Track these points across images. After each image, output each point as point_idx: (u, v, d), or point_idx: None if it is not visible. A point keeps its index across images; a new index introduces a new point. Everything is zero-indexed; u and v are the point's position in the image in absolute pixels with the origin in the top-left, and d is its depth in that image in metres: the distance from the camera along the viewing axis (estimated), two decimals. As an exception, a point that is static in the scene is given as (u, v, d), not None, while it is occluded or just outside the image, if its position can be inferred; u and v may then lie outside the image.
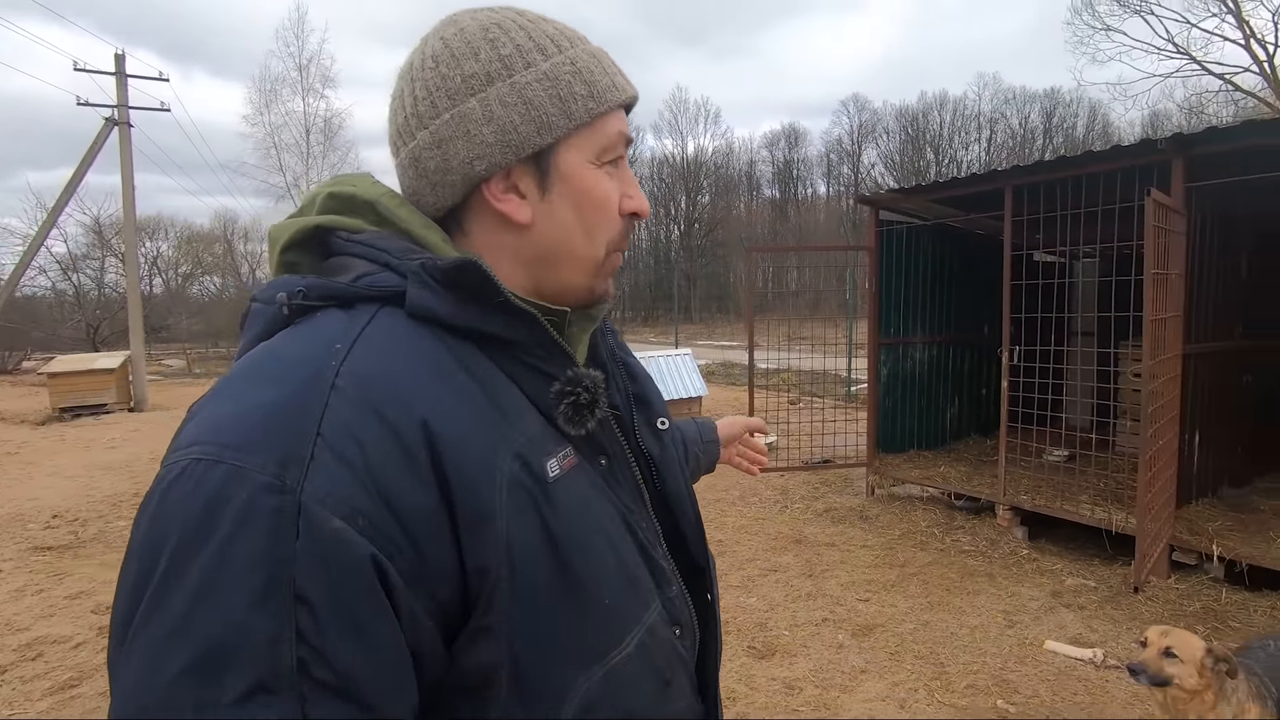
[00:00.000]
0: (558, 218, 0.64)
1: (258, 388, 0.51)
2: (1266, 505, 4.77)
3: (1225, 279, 4.85)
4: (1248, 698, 1.98)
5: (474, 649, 0.52)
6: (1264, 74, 21.17)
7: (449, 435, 0.51)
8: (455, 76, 0.61)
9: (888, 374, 6.28)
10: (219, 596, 0.43)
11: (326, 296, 0.57)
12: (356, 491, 0.46)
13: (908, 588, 4.09)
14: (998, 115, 45.08)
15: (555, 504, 0.56)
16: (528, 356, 0.61)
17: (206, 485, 0.45)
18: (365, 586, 0.45)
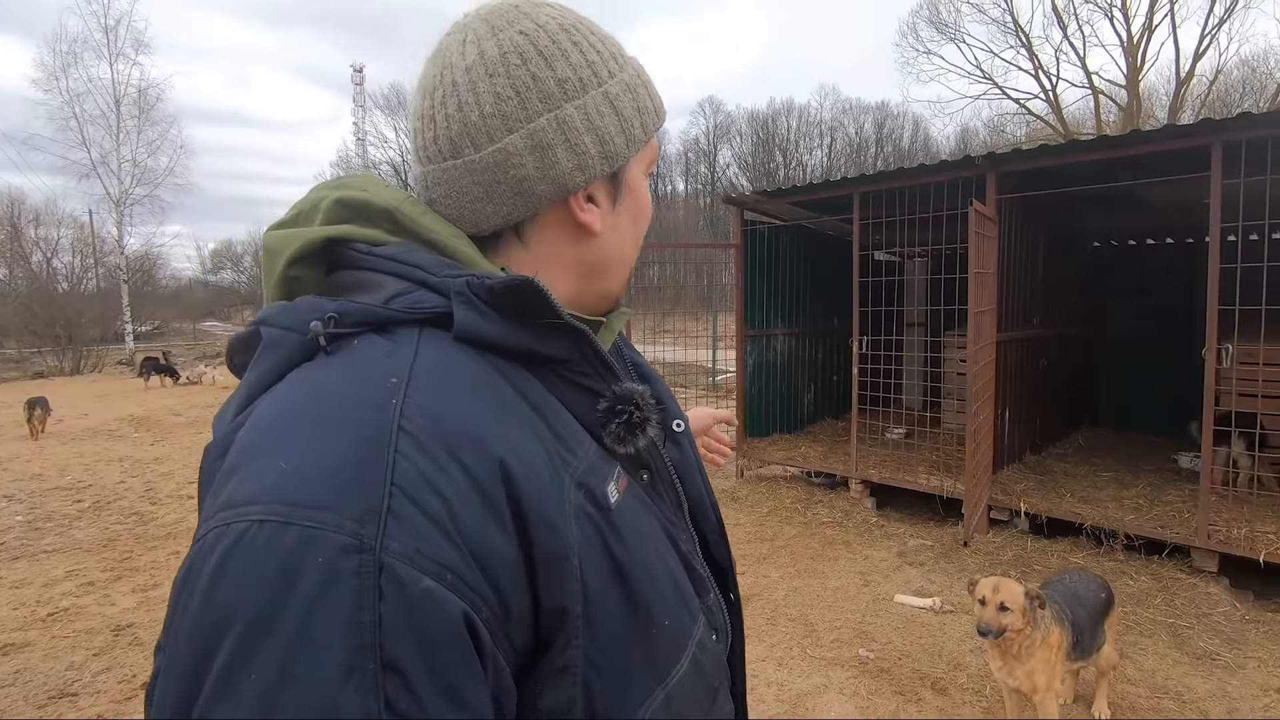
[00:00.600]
0: (620, 229, 0.65)
1: (315, 434, 0.45)
2: (1058, 467, 5.69)
3: (1026, 277, 5.70)
4: (1052, 622, 2.42)
5: (550, 689, 0.48)
6: (1049, 101, 24.72)
7: (524, 473, 0.48)
8: (548, 79, 0.57)
9: (753, 364, 6.73)
10: (304, 677, 0.38)
11: (363, 322, 0.51)
12: (443, 545, 0.42)
13: (778, 559, 4.45)
14: (837, 124, 48.88)
15: (619, 531, 0.53)
16: (574, 375, 0.57)
17: (277, 551, 0.40)
18: (460, 648, 0.42)
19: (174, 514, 5.51)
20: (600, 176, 0.60)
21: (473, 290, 0.52)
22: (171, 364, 15.13)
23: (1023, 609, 2.31)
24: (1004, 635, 2.32)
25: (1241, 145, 3.68)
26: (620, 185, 0.63)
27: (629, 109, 0.61)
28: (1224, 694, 2.88)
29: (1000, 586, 2.36)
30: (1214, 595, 3.75)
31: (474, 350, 0.52)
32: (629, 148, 0.61)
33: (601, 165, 0.60)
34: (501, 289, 0.52)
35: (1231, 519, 4.14)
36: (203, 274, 48.15)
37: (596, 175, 0.60)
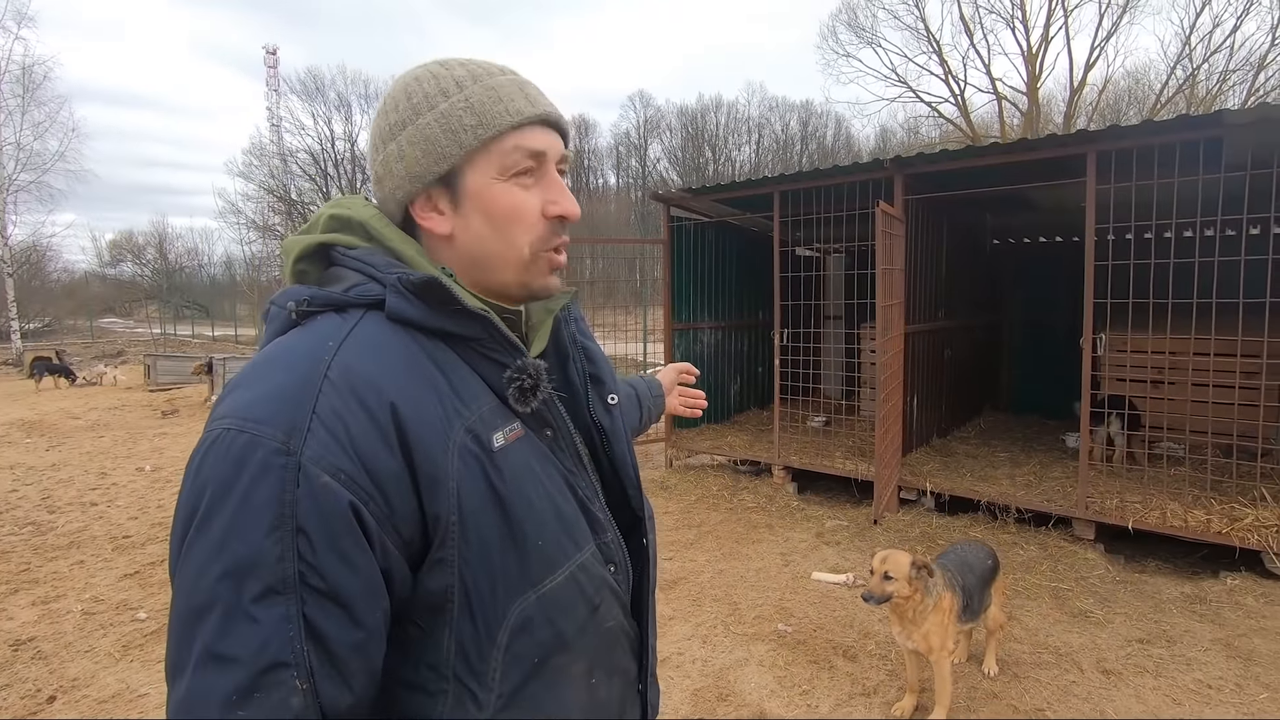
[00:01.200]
0: (473, 229, 0.78)
1: (272, 375, 0.66)
2: (961, 449, 6.12)
3: (931, 273, 6.09)
4: (944, 588, 2.66)
5: (433, 574, 0.67)
6: (958, 105, 26.08)
7: (412, 415, 0.66)
8: (385, 126, 0.79)
9: (681, 356, 6.90)
10: (244, 528, 0.59)
11: (326, 304, 0.72)
12: (340, 456, 0.62)
13: (704, 544, 4.63)
14: (764, 121, 50.00)
15: (500, 468, 0.71)
16: (484, 349, 0.75)
17: (234, 449, 0.61)
18: (346, 523, 0.61)
19: (76, 522, 5.21)
20: (420, 189, 0.78)
21: (402, 283, 0.71)
22: (66, 364, 14.08)
23: (907, 578, 2.53)
24: (889, 601, 2.55)
25: (1112, 155, 4.08)
26: (458, 192, 0.77)
27: (437, 133, 0.76)
28: (1094, 646, 3.23)
29: (888, 558, 2.58)
30: (1091, 560, 4.16)
31: (401, 327, 0.71)
32: (438, 164, 0.76)
33: (412, 184, 0.77)
34: (418, 282, 0.71)
35: (1106, 491, 4.59)
36: (100, 267, 44.67)
37: (413, 188, 0.77)
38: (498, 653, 0.70)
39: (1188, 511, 4.13)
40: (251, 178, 37.41)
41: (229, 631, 0.58)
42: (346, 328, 0.70)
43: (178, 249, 45.35)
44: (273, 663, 0.58)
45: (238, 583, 0.58)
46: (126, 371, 15.50)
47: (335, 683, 0.61)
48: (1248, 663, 3.06)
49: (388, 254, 0.77)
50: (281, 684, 0.58)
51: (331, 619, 0.61)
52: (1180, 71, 22.85)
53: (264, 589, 0.59)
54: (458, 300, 0.72)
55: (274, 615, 0.59)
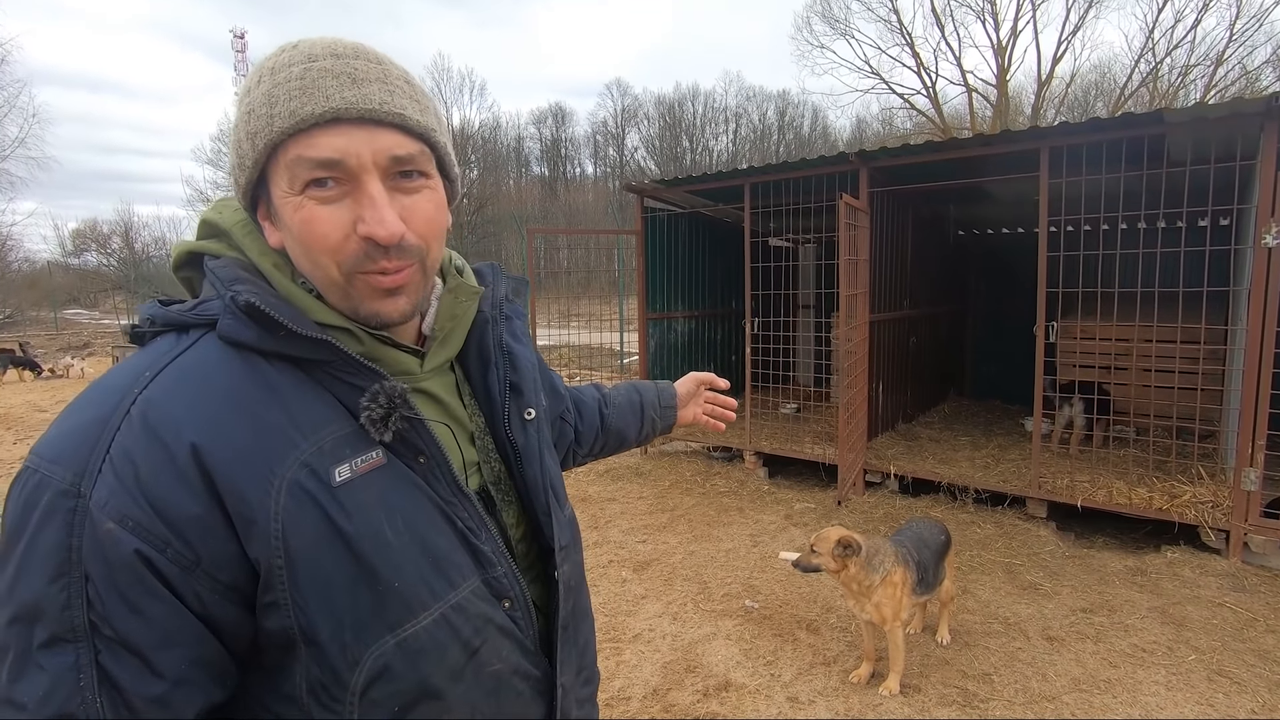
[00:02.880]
0: (289, 244, 0.70)
1: (81, 409, 0.63)
2: (925, 434, 6.34)
3: (896, 263, 6.27)
4: (894, 563, 2.81)
5: (266, 616, 0.63)
6: (930, 97, 26.43)
7: (219, 455, 0.61)
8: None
9: (655, 345, 7.03)
10: (29, 572, 0.58)
11: (167, 324, 0.68)
12: (126, 501, 0.58)
13: (677, 527, 4.78)
14: (741, 110, 50.08)
15: (343, 504, 0.65)
16: (338, 373, 0.69)
17: (28, 489, 0.60)
18: (132, 572, 0.58)
19: (49, 514, 5.20)
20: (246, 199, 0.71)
21: (235, 304, 0.65)
22: (31, 356, 13.81)
23: (829, 553, 2.72)
24: (815, 572, 2.77)
25: (1063, 150, 4.26)
26: (270, 203, 0.69)
27: (242, 134, 0.68)
28: (1041, 615, 3.43)
29: (821, 535, 2.77)
30: (1043, 537, 4.38)
31: (236, 351, 0.66)
32: (243, 171, 0.68)
33: (234, 188, 0.72)
34: (243, 305, 0.65)
35: (1057, 472, 4.82)
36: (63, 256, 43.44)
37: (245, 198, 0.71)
38: (352, 697, 0.65)
39: (1132, 490, 4.36)
40: (220, 165, 36.67)
41: (18, 677, 0.57)
42: (173, 353, 0.65)
43: (144, 238, 44.25)
44: (59, 714, 0.56)
45: (26, 628, 0.57)
46: (93, 364, 15.22)
47: None
48: (1180, 628, 3.28)
49: (246, 265, 0.71)
50: None
51: (127, 669, 0.58)
52: (1144, 65, 23.41)
53: (50, 636, 0.57)
54: (281, 325, 0.65)
55: (61, 664, 0.56)
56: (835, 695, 2.83)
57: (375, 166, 0.66)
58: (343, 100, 0.64)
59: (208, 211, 0.74)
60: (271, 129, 0.65)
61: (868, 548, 2.74)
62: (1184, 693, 2.79)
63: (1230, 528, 3.91)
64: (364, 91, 0.66)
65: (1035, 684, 2.87)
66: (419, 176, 0.70)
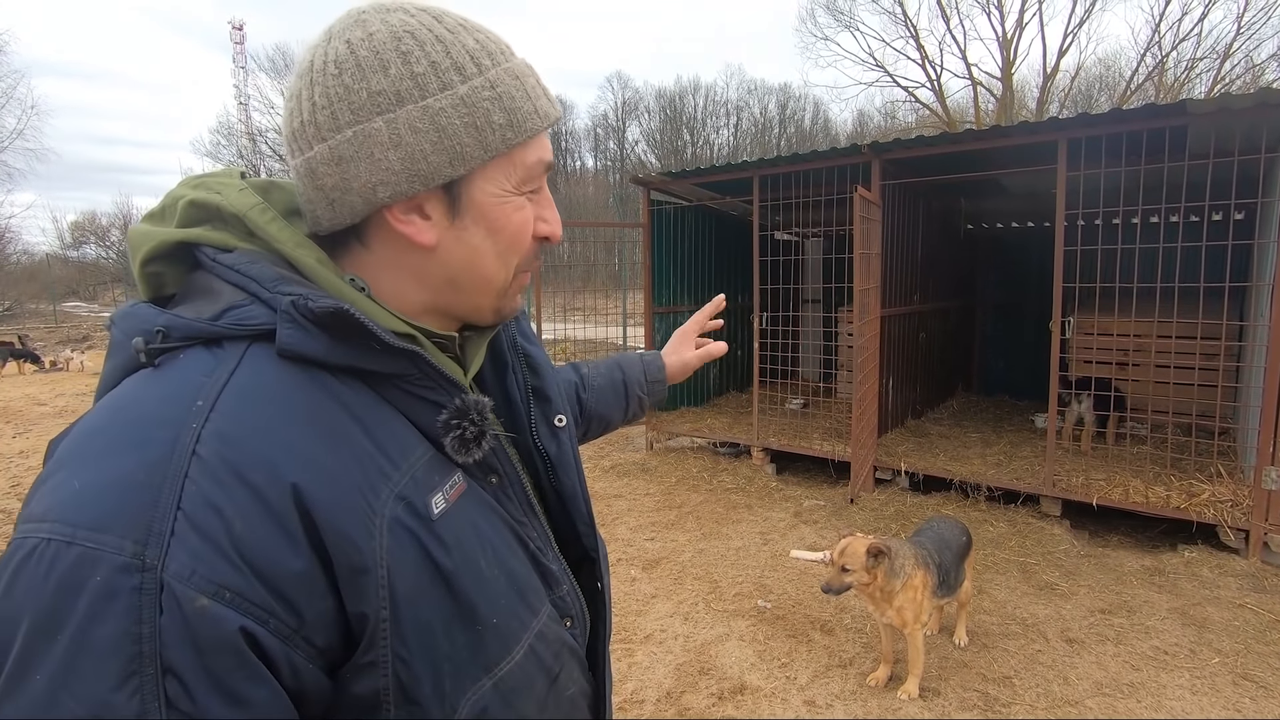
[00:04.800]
0: (467, 242, 0.62)
1: (115, 454, 0.49)
2: (934, 430, 6.27)
3: (907, 257, 6.19)
4: (915, 566, 2.75)
5: (360, 680, 0.53)
6: (934, 90, 26.27)
7: (321, 496, 0.51)
8: (361, 90, 0.56)
9: (662, 339, 6.93)
10: (80, 681, 0.43)
11: (189, 337, 0.54)
12: (222, 566, 0.46)
13: (685, 524, 4.71)
14: (743, 104, 49.79)
15: (442, 539, 0.57)
16: (414, 388, 0.60)
17: (58, 569, 0.44)
18: (237, 657, 0.46)
19: (49, 509, 5.13)
20: (415, 191, 0.58)
21: (297, 310, 0.53)
22: (31, 348, 13.73)
23: (864, 566, 2.61)
24: (847, 591, 2.64)
25: (1082, 142, 4.18)
26: (459, 201, 0.60)
27: (458, 125, 0.58)
28: (1059, 616, 3.37)
29: (846, 549, 2.64)
30: (1057, 535, 4.31)
31: (299, 367, 0.54)
32: (454, 166, 0.58)
33: (408, 180, 0.58)
34: (320, 313, 0.53)
35: (1072, 470, 4.75)
36: (61, 249, 43.30)
37: (407, 189, 0.58)
38: None
39: (1148, 488, 4.30)
40: (219, 158, 36.53)
41: None
42: (222, 375, 0.52)
43: (143, 231, 44.04)
44: None
45: None
46: (93, 357, 15.14)
47: None
48: (1202, 630, 3.22)
49: (274, 259, 0.59)
50: None
51: None
52: (1150, 59, 23.24)
53: None
54: (376, 337, 0.56)
55: None
56: (853, 699, 2.77)
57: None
58: (555, 110, 0.64)
59: (193, 190, 0.60)
60: (522, 129, 0.61)
61: (893, 551, 2.67)
62: (1209, 697, 2.73)
63: (1250, 527, 3.84)
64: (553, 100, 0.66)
65: (1057, 688, 2.81)
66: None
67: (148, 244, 0.58)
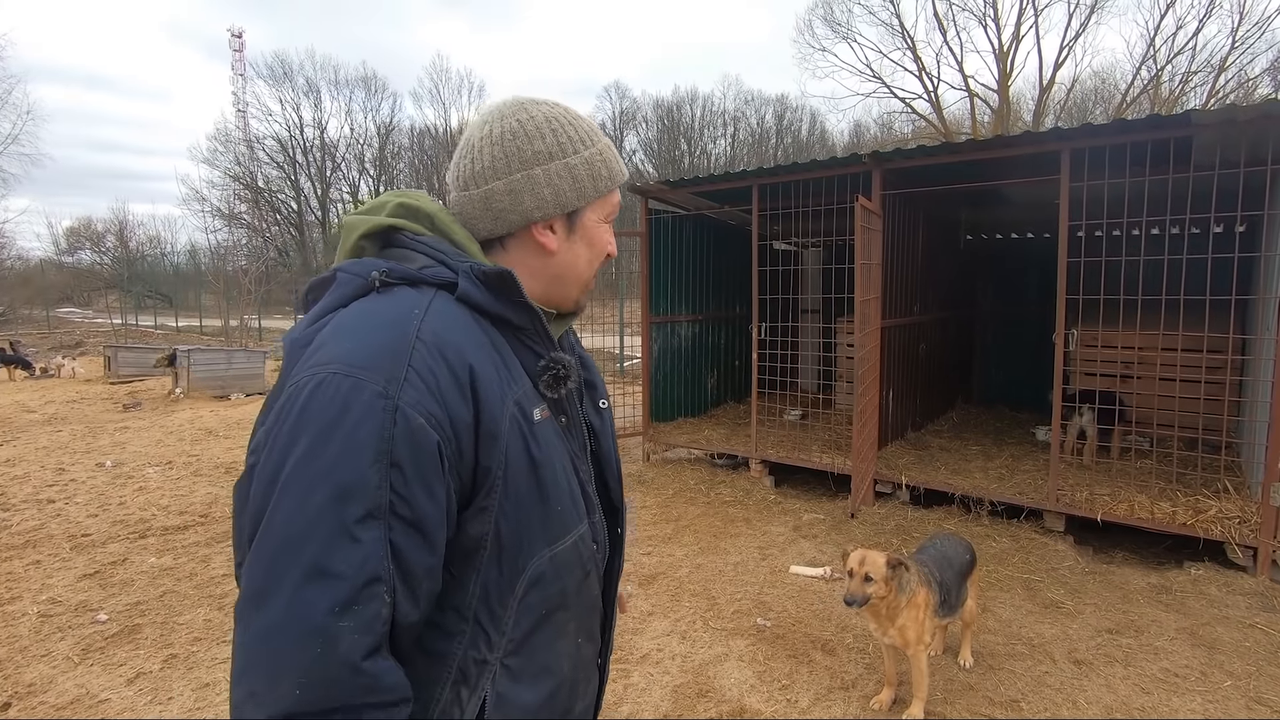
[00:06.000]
0: (575, 251, 0.96)
1: (371, 331, 0.76)
2: (935, 443, 6.20)
3: (907, 268, 6.14)
4: (919, 584, 2.67)
5: (475, 520, 0.79)
6: (931, 101, 26.38)
7: (483, 378, 0.79)
8: (528, 150, 0.90)
9: (659, 349, 6.88)
10: (349, 459, 0.69)
11: (403, 278, 0.83)
12: (431, 402, 0.74)
13: (682, 539, 4.62)
14: (740, 114, 49.95)
15: (536, 437, 0.84)
16: (527, 339, 0.89)
17: (341, 391, 0.71)
18: (433, 460, 0.73)
19: (32, 520, 5.02)
20: (554, 215, 0.92)
21: (474, 271, 0.84)
22: (22, 354, 13.59)
23: (885, 578, 2.53)
24: (869, 603, 2.55)
25: (1085, 152, 4.13)
26: (575, 223, 0.95)
27: (583, 174, 0.93)
28: (1066, 636, 3.28)
29: (866, 559, 2.56)
30: (1061, 552, 4.24)
31: (467, 309, 0.84)
32: (579, 199, 0.93)
33: (554, 207, 0.92)
34: (492, 274, 0.84)
35: (1076, 484, 4.68)
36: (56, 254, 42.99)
37: (551, 214, 0.92)
38: (514, 601, 0.81)
39: (1154, 504, 4.22)
40: (217, 164, 36.49)
41: (335, 550, 0.67)
42: (425, 301, 0.81)
43: (139, 236, 43.89)
44: (372, 578, 0.68)
45: (342, 507, 0.67)
46: (85, 363, 14.99)
47: (410, 600, 0.72)
48: (1212, 651, 3.14)
49: (452, 245, 0.90)
50: (376, 597, 0.68)
51: (413, 544, 0.71)
52: (1145, 72, 23.39)
53: (365, 513, 0.68)
54: (522, 294, 0.86)
55: (373, 536, 0.68)
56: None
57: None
58: (626, 172, 0.99)
59: (402, 197, 0.92)
60: (615, 179, 0.97)
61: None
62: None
63: (1258, 544, 3.77)
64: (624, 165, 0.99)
65: (1066, 711, 2.72)
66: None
67: (365, 225, 0.88)
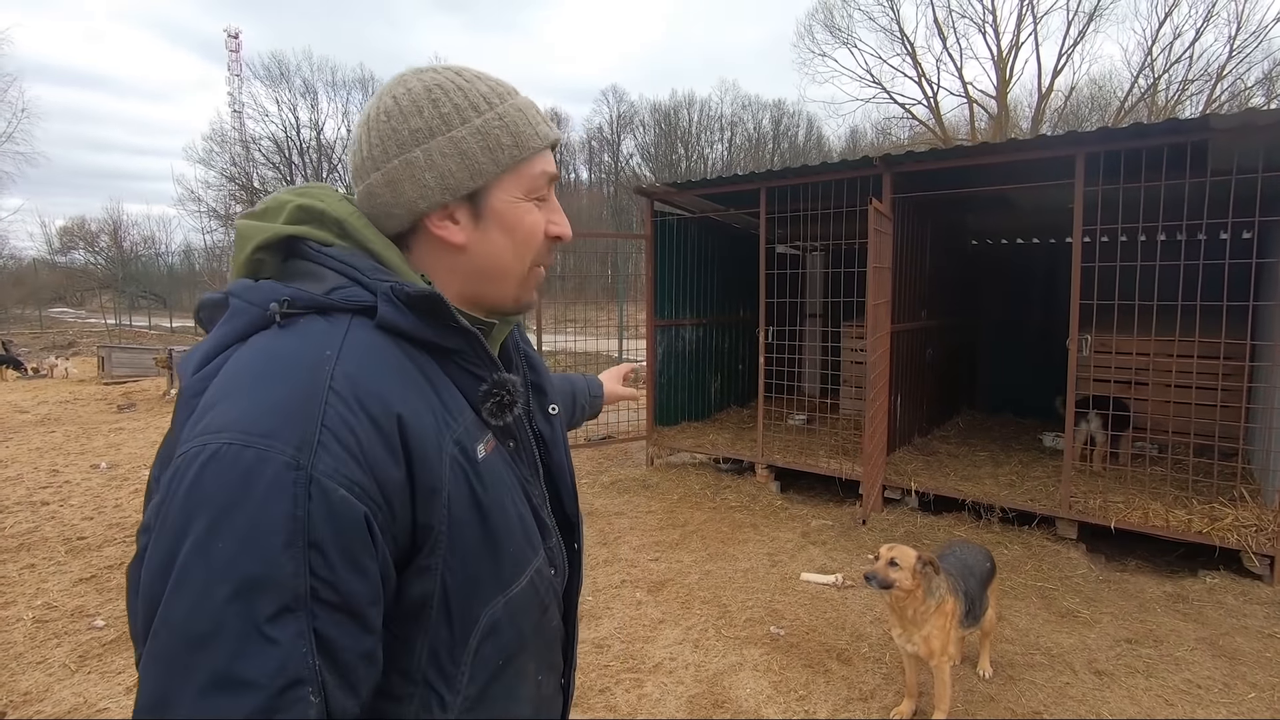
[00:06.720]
0: (490, 241, 0.79)
1: (270, 385, 0.63)
2: (943, 448, 6.15)
3: (915, 272, 6.10)
4: (947, 592, 2.62)
5: (417, 580, 0.69)
6: (930, 108, 26.47)
7: (414, 426, 0.67)
8: (404, 130, 0.75)
9: (663, 353, 6.82)
10: (256, 546, 0.57)
11: (309, 306, 0.69)
12: (353, 468, 0.61)
13: (690, 544, 4.55)
14: (737, 119, 50.01)
15: (482, 478, 0.73)
16: (465, 363, 0.77)
17: (241, 463, 0.58)
18: (360, 535, 0.61)
19: (25, 523, 4.92)
20: (449, 202, 0.76)
21: (395, 294, 0.70)
22: (14, 354, 13.44)
23: (913, 570, 2.49)
24: (890, 589, 2.50)
25: (1100, 156, 4.09)
26: (481, 207, 0.77)
27: (474, 147, 0.75)
28: (1084, 646, 3.23)
29: (896, 548, 2.56)
30: (1074, 559, 4.19)
31: (390, 337, 0.71)
32: (473, 179, 0.76)
33: (443, 193, 0.75)
34: (418, 296, 0.70)
35: (1088, 491, 4.63)
36: (49, 254, 42.66)
37: (441, 201, 0.76)
38: (467, 656, 0.72)
39: (1169, 511, 4.18)
40: (212, 164, 36.31)
41: (245, 654, 0.56)
42: (338, 336, 0.68)
43: (133, 236, 43.66)
44: (291, 681, 0.57)
45: (249, 603, 0.56)
46: (79, 363, 14.84)
47: (345, 691, 0.62)
48: (1233, 662, 3.09)
49: (368, 256, 0.75)
50: (299, 701, 0.58)
51: (344, 631, 0.61)
52: (1143, 80, 23.51)
53: (279, 608, 0.57)
54: (455, 317, 0.73)
55: (290, 633, 0.57)
56: (877, 736, 2.62)
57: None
58: (555, 133, 0.81)
59: (301, 197, 0.76)
60: (531, 144, 0.78)
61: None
62: (1251, 736, 2.60)
63: (1275, 553, 3.73)
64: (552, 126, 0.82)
65: (1090, 724, 2.67)
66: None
67: (260, 235, 0.73)
